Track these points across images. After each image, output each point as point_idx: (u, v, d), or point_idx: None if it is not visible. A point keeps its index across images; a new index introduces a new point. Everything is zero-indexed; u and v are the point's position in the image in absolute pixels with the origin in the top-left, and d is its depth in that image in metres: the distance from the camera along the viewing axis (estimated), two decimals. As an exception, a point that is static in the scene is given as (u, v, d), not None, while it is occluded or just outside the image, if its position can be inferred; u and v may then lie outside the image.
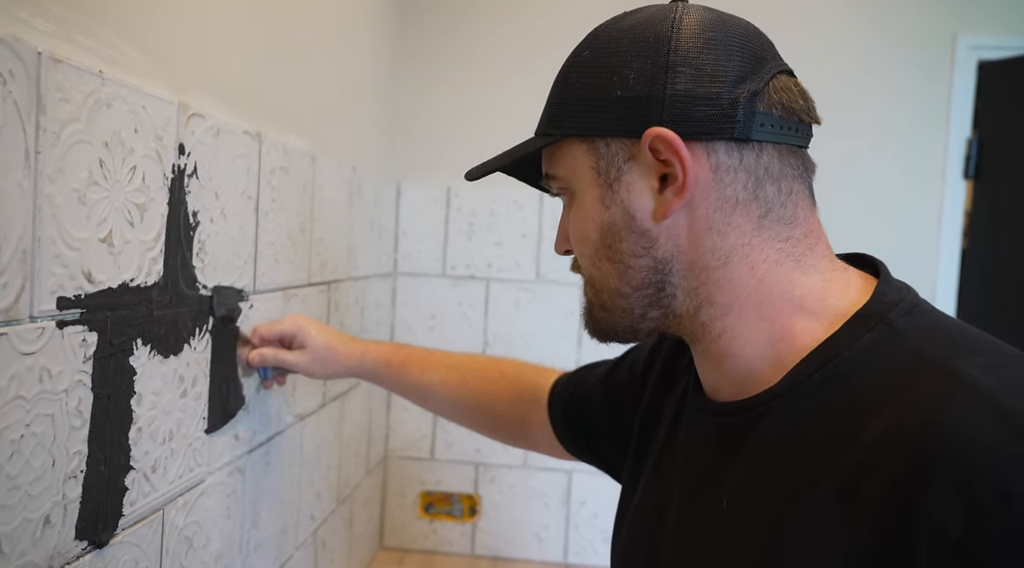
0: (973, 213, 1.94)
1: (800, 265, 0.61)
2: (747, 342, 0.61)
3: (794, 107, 0.60)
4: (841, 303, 0.60)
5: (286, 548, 1.16)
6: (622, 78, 0.60)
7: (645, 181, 0.60)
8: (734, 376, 0.63)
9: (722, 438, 0.63)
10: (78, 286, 0.62)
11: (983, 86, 1.87)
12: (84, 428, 0.64)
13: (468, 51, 1.89)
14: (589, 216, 0.63)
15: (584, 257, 0.66)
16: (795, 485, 0.54)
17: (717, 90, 0.58)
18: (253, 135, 0.95)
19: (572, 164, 0.64)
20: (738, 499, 0.59)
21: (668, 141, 0.58)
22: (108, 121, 0.64)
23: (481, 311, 1.88)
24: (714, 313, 0.61)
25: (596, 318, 0.67)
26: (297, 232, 1.14)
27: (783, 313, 0.60)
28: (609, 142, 0.61)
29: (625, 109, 0.60)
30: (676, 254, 0.61)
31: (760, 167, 0.60)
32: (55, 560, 0.61)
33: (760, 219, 0.60)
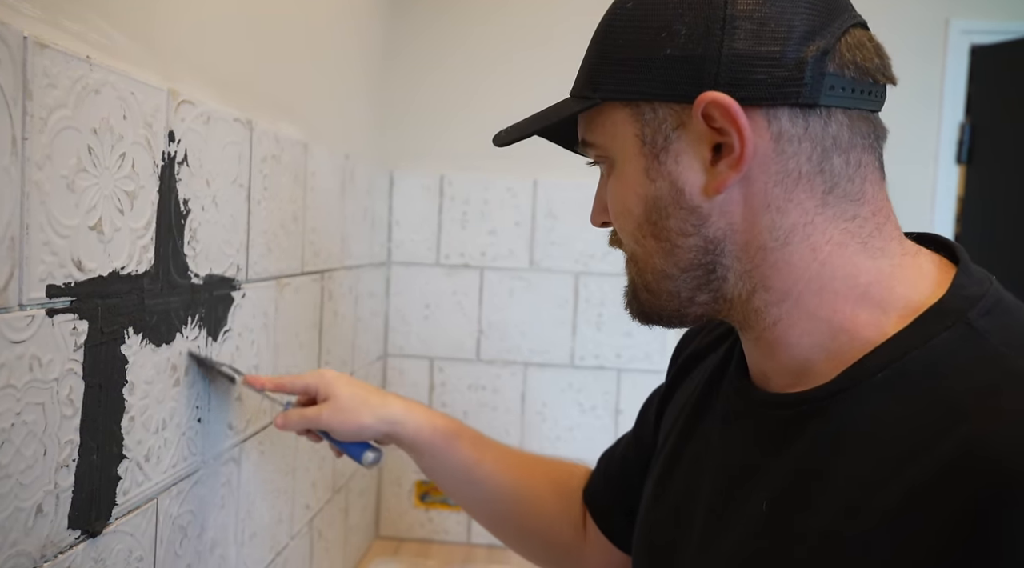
0: (966, 198, 1.94)
1: (867, 248, 0.55)
2: (805, 331, 0.55)
3: (869, 67, 0.54)
4: (913, 294, 0.54)
5: (281, 537, 1.16)
6: (672, 34, 0.53)
7: (696, 151, 0.54)
8: (789, 366, 0.57)
9: (767, 432, 0.57)
10: (68, 274, 0.61)
11: (975, 71, 1.87)
12: (76, 417, 0.63)
13: (461, 38, 1.88)
14: (632, 188, 0.57)
15: (626, 233, 0.59)
16: (850, 497, 0.49)
17: (781, 48, 0.51)
18: (244, 122, 0.95)
19: (613, 131, 0.57)
20: (781, 503, 0.54)
21: (725, 107, 0.51)
22: (96, 107, 0.64)
23: (475, 300, 1.87)
24: (770, 299, 0.56)
25: (640, 300, 0.61)
26: (290, 221, 1.13)
27: (847, 301, 0.54)
28: (656, 107, 0.55)
29: (675, 70, 0.53)
30: (729, 233, 0.55)
31: (828, 136, 0.53)
32: (48, 549, 0.60)
33: (825, 195, 0.54)
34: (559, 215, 1.84)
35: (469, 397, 1.88)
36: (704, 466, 0.63)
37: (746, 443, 0.59)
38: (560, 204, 1.84)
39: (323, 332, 1.33)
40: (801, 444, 0.54)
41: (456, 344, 1.88)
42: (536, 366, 1.87)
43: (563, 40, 0.62)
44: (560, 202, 1.84)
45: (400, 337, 1.88)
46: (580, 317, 1.86)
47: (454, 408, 1.88)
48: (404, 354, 1.88)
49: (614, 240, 0.63)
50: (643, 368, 1.85)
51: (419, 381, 1.88)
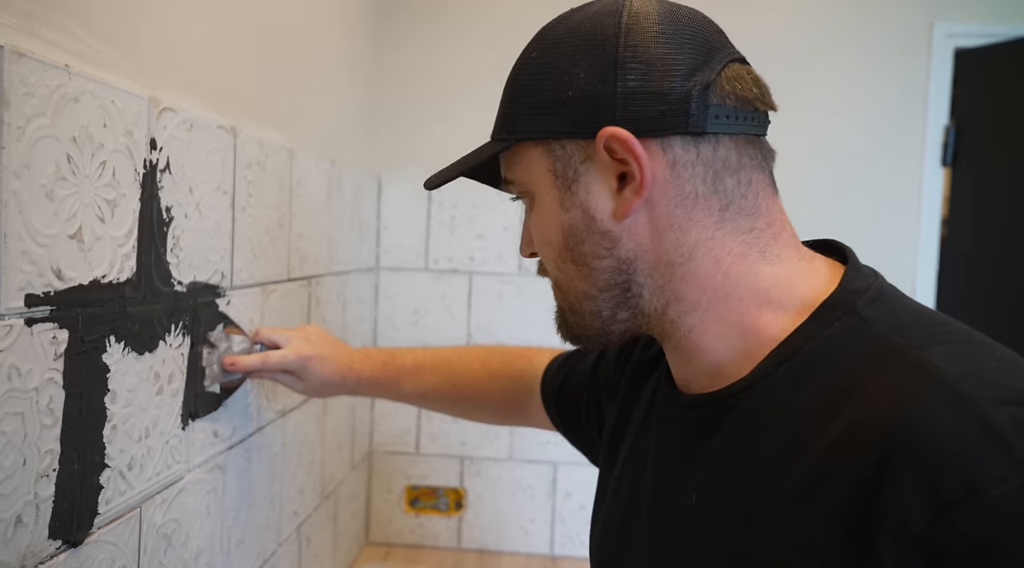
0: (952, 200, 1.95)
1: (765, 256, 0.60)
2: (716, 336, 0.61)
3: (748, 96, 0.59)
4: (808, 293, 0.59)
5: (269, 544, 1.16)
6: (572, 78, 0.59)
7: (603, 181, 0.59)
8: (706, 370, 0.62)
9: (692, 431, 0.62)
10: (47, 283, 0.61)
11: (960, 74, 1.88)
12: (56, 426, 0.63)
13: (447, 44, 1.88)
14: (550, 219, 0.62)
15: (548, 260, 0.65)
16: (761, 479, 0.54)
17: (669, 85, 0.57)
18: (228, 129, 0.95)
19: (529, 168, 0.63)
20: (706, 493, 0.59)
21: (623, 140, 0.57)
22: (75, 116, 0.64)
23: (464, 305, 1.87)
24: (682, 309, 0.61)
25: (568, 322, 0.66)
26: (275, 227, 1.13)
27: (750, 306, 0.59)
28: (564, 144, 0.60)
29: (578, 110, 0.59)
30: (640, 253, 0.60)
31: (718, 160, 0.59)
32: (28, 560, 0.60)
33: (721, 212, 0.59)
34: (547, 219, 1.84)
35: (458, 402, 1.87)
36: (644, 469, 0.69)
37: (674, 443, 0.65)
38: (548, 208, 1.84)
39: (310, 338, 1.32)
40: (718, 437, 0.59)
41: (445, 349, 1.87)
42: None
43: None
44: (548, 206, 1.84)
45: (389, 342, 1.88)
46: (569, 321, 1.86)
47: (444, 413, 1.87)
48: (393, 359, 1.88)
49: (541, 269, 0.68)
50: (632, 371, 1.85)
51: (408, 386, 1.88)
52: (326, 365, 1.02)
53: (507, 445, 1.86)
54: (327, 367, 1.02)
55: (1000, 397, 0.46)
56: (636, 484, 0.69)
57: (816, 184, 1.85)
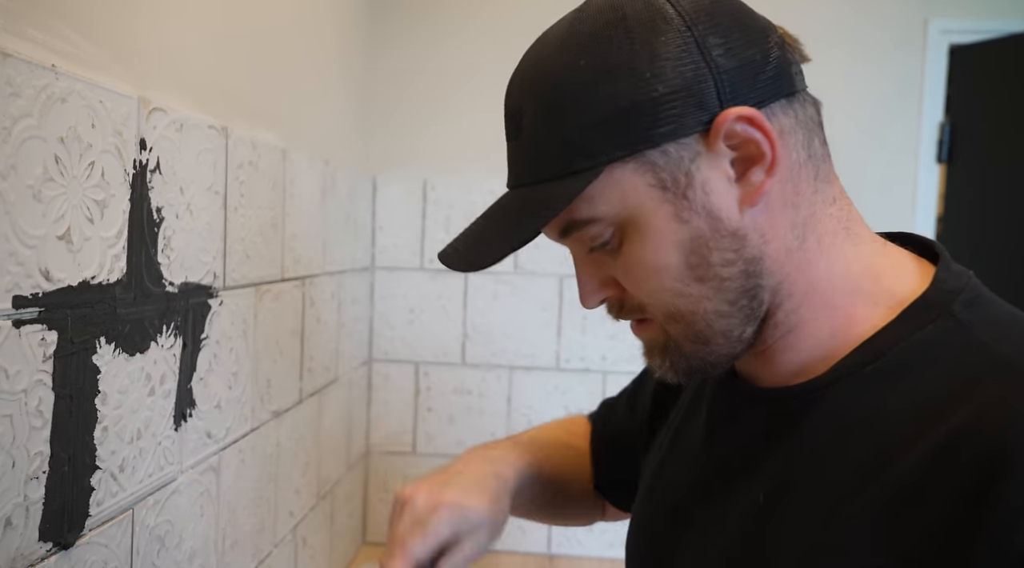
0: (947, 197, 1.95)
1: (849, 234, 0.55)
2: (810, 334, 0.55)
3: (800, 49, 0.55)
4: (896, 286, 0.54)
5: (264, 545, 1.16)
6: (656, 72, 0.50)
7: (720, 174, 0.52)
8: (785, 370, 0.57)
9: (760, 427, 0.57)
10: (35, 284, 0.61)
11: (955, 70, 1.88)
12: (45, 428, 0.63)
13: (442, 43, 1.88)
14: (662, 241, 0.53)
15: (662, 291, 0.55)
16: (845, 485, 0.50)
17: (756, 49, 0.52)
18: (219, 129, 0.94)
19: (620, 193, 0.53)
20: (777, 494, 0.54)
21: (749, 118, 0.50)
22: (63, 116, 0.63)
23: (460, 304, 1.87)
24: (791, 307, 0.55)
25: (687, 355, 0.56)
26: (268, 227, 1.13)
27: (845, 296, 0.54)
28: (665, 148, 0.51)
29: (677, 103, 0.50)
30: (762, 246, 0.53)
31: (808, 119, 0.54)
32: (18, 562, 0.60)
33: (815, 181, 0.54)
34: (543, 218, 1.84)
35: (455, 401, 1.87)
36: (696, 463, 0.63)
37: (739, 438, 0.59)
38: (543, 207, 1.84)
39: (305, 338, 1.32)
40: (796, 437, 0.54)
41: (441, 348, 1.87)
42: (522, 369, 1.86)
43: None
44: (543, 205, 1.84)
45: (385, 342, 1.88)
46: (565, 320, 1.86)
47: (440, 412, 1.87)
48: (389, 359, 1.88)
49: (623, 311, 0.59)
50: (628, 370, 1.85)
51: (404, 386, 1.88)
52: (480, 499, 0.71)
53: (504, 444, 1.86)
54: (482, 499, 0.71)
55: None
56: (682, 479, 0.64)
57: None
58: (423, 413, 1.88)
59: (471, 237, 0.58)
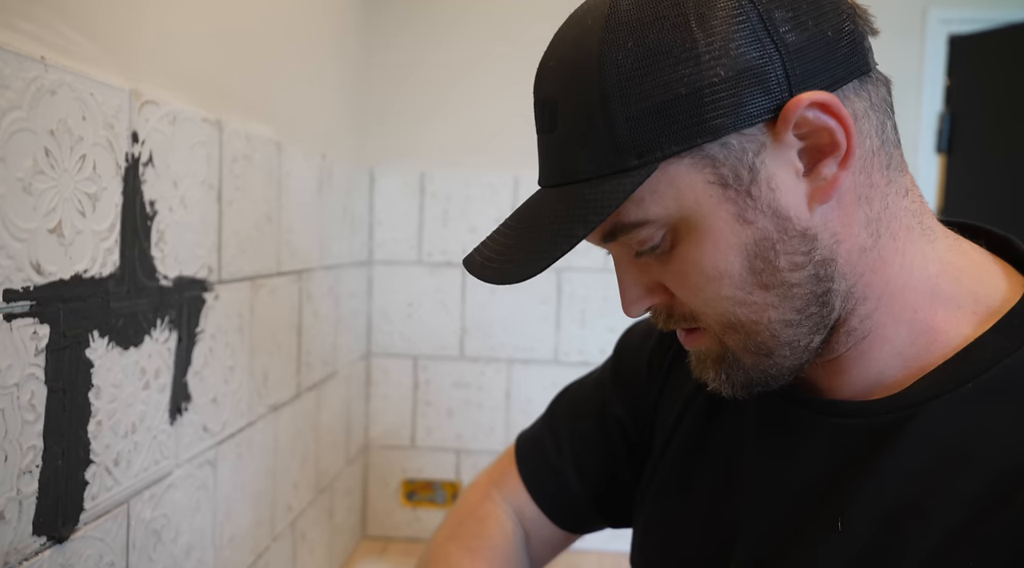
0: (947, 187, 1.95)
1: (923, 229, 0.50)
2: (887, 339, 0.50)
3: (870, 20, 0.50)
4: (980, 288, 0.49)
5: (262, 539, 1.16)
6: (717, 53, 0.44)
7: (788, 168, 0.47)
8: (858, 380, 0.52)
9: (839, 444, 0.51)
10: (26, 278, 0.60)
11: (954, 60, 1.87)
12: (38, 422, 0.62)
13: (439, 35, 1.87)
14: (725, 242, 0.48)
15: (719, 300, 0.49)
16: (953, 520, 0.45)
17: (827, 24, 0.46)
18: (213, 123, 0.94)
19: (674, 192, 0.47)
20: (860, 521, 0.48)
21: (825, 104, 0.45)
22: (53, 109, 0.63)
23: (458, 298, 1.87)
24: (866, 311, 0.50)
25: (746, 368, 0.51)
26: (264, 221, 1.13)
27: (924, 298, 0.49)
28: (726, 141, 0.46)
29: (740, 88, 0.45)
30: (835, 246, 0.48)
31: (880, 101, 0.49)
32: (12, 556, 0.60)
33: (888, 171, 0.49)
34: (541, 211, 1.83)
35: (453, 395, 1.87)
36: (745, 479, 0.56)
37: (810, 456, 0.53)
38: (541, 200, 1.83)
39: (302, 333, 1.32)
40: (882, 460, 0.48)
41: (440, 342, 1.87)
42: (520, 363, 1.86)
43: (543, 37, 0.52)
44: (541, 198, 1.84)
45: (383, 336, 1.88)
46: (563, 313, 1.86)
47: (439, 406, 1.87)
48: (388, 353, 1.88)
49: (674, 319, 0.53)
50: (627, 363, 1.84)
51: (403, 380, 1.88)
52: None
53: (502, 438, 1.85)
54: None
55: None
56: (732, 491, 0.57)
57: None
58: (422, 407, 1.88)
59: (503, 245, 0.51)
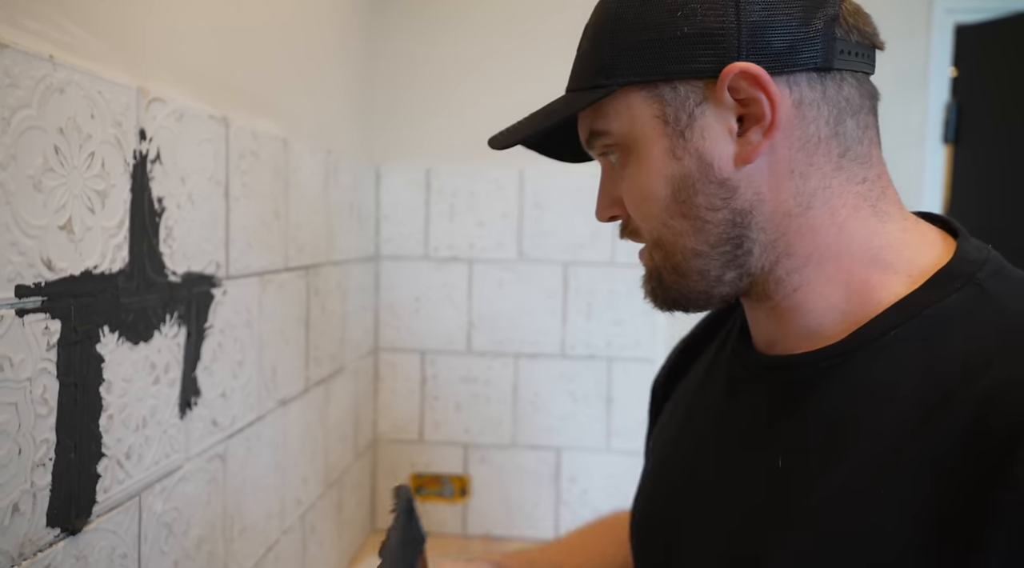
0: (954, 177, 1.94)
1: (876, 211, 0.57)
2: (821, 295, 0.57)
3: (868, 31, 0.56)
4: (920, 258, 0.56)
5: (272, 532, 1.17)
6: (687, 12, 0.54)
7: (722, 124, 0.55)
8: (801, 331, 0.58)
9: (780, 392, 0.58)
10: (37, 273, 0.61)
11: (960, 49, 1.86)
12: (51, 416, 0.63)
13: (445, 31, 1.88)
14: (657, 170, 0.57)
15: (650, 217, 0.59)
16: (868, 449, 0.51)
17: (796, 17, 0.53)
18: (219, 119, 0.95)
19: (629, 115, 0.57)
20: (797, 457, 0.55)
21: (754, 76, 0.53)
22: (62, 107, 0.64)
23: (465, 292, 1.88)
24: (792, 266, 0.57)
25: (666, 284, 0.60)
26: (271, 217, 1.14)
27: (861, 264, 0.56)
28: (676, 85, 0.55)
29: (695, 46, 0.54)
30: (756, 203, 0.56)
31: (842, 99, 0.55)
32: (26, 548, 0.61)
33: (840, 158, 0.56)
34: (546, 205, 1.84)
35: (461, 389, 1.88)
36: (709, 433, 0.65)
37: (756, 405, 0.60)
38: (547, 194, 1.84)
39: (310, 328, 1.33)
40: (816, 401, 0.55)
41: (447, 337, 1.88)
42: (527, 357, 1.87)
43: (549, 33, 0.63)
44: (547, 192, 1.84)
45: (391, 331, 1.89)
46: (570, 307, 1.86)
47: (446, 401, 1.88)
48: (395, 348, 1.89)
49: (627, 231, 0.64)
50: (634, 356, 1.85)
51: (411, 374, 1.89)
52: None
53: (510, 432, 1.86)
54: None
55: None
56: (697, 444, 0.66)
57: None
58: (430, 401, 1.89)
59: (513, 127, 0.64)
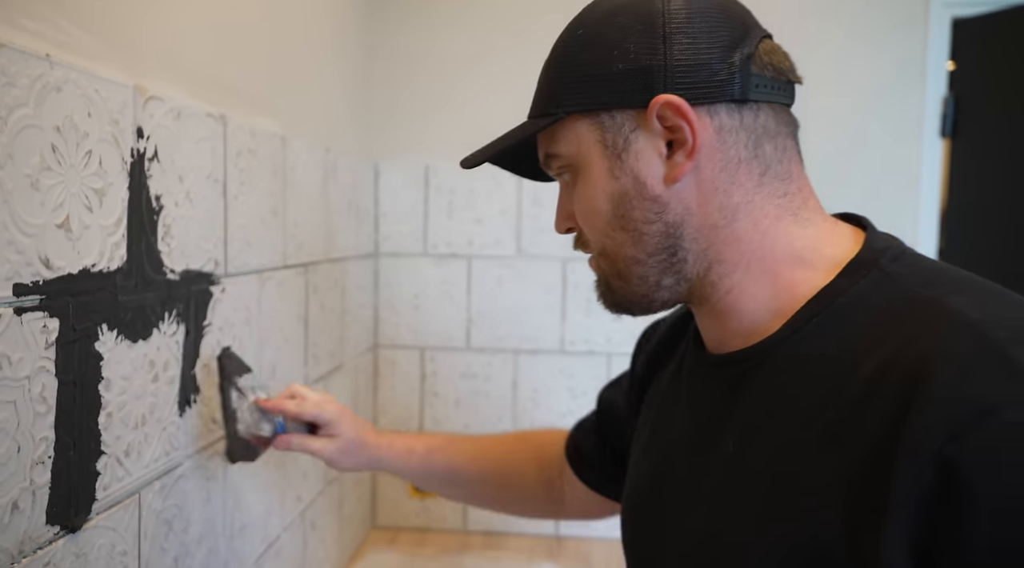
0: (952, 171, 1.94)
1: (797, 219, 0.64)
2: (752, 295, 0.64)
3: (783, 67, 0.64)
4: (836, 252, 0.63)
5: (273, 529, 1.17)
6: (623, 51, 0.62)
7: (653, 148, 0.63)
8: (739, 329, 0.66)
9: (727, 386, 0.66)
10: (35, 272, 0.61)
11: (958, 43, 1.86)
12: (50, 414, 0.64)
13: (444, 29, 1.88)
14: (599, 188, 0.65)
15: (596, 231, 0.67)
16: (797, 424, 0.58)
17: (716, 56, 0.61)
18: (217, 117, 0.95)
19: (576, 140, 0.66)
20: (744, 439, 0.62)
21: (676, 106, 0.60)
22: (59, 105, 0.64)
23: (464, 289, 1.88)
24: (723, 271, 0.64)
25: (613, 289, 0.68)
26: (269, 214, 1.14)
27: (785, 265, 0.63)
28: (614, 114, 0.63)
29: (629, 81, 0.62)
30: (686, 217, 0.64)
31: (759, 126, 0.63)
32: (26, 545, 0.61)
33: (760, 176, 0.64)
34: (545, 202, 1.84)
35: (461, 385, 1.88)
36: (674, 428, 0.73)
37: (707, 400, 0.69)
38: (545, 191, 1.84)
39: (308, 325, 1.33)
40: (753, 389, 0.63)
41: (446, 333, 1.88)
42: (527, 353, 1.87)
43: (547, 30, 0.68)
44: (545, 189, 1.84)
45: (390, 328, 1.89)
46: (569, 303, 1.86)
47: (446, 397, 1.88)
48: (395, 345, 1.89)
49: (579, 243, 0.71)
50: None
51: (410, 371, 1.89)
52: (359, 424, 1.01)
53: (509, 427, 1.86)
54: (361, 426, 1.01)
55: (1015, 337, 0.50)
56: (668, 443, 0.73)
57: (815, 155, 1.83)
58: (429, 398, 1.89)
59: (482, 148, 0.73)
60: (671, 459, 0.72)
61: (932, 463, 0.48)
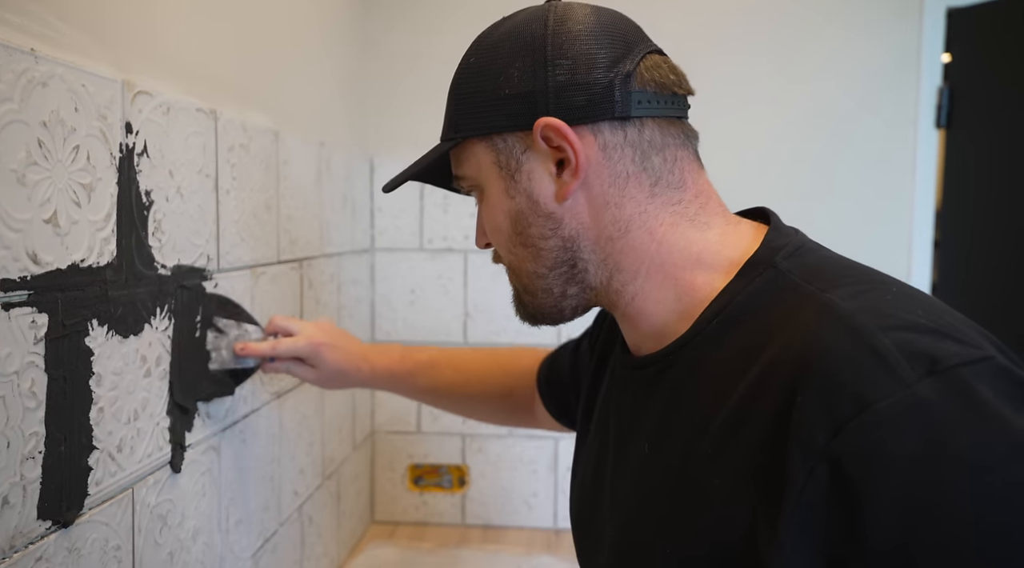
0: (947, 162, 1.94)
1: (695, 224, 0.66)
2: (656, 300, 0.66)
3: (666, 82, 0.65)
4: (736, 253, 0.64)
5: (270, 524, 1.17)
6: (508, 77, 0.65)
7: (543, 168, 0.65)
8: (651, 333, 0.68)
9: (642, 388, 0.69)
10: (23, 268, 0.61)
11: (953, 34, 1.86)
12: (40, 409, 0.64)
13: (438, 23, 1.87)
14: (498, 207, 0.68)
15: (501, 246, 0.71)
16: (699, 422, 0.60)
17: (594, 76, 0.63)
18: (207, 112, 0.95)
19: (476, 162, 0.69)
20: (655, 440, 0.65)
21: (556, 128, 0.63)
22: (44, 100, 0.64)
23: (460, 283, 1.88)
24: (624, 279, 0.67)
25: (524, 302, 0.72)
26: (262, 209, 1.14)
27: (684, 270, 0.65)
28: (505, 137, 0.66)
29: (515, 105, 0.65)
30: (581, 231, 0.66)
31: (644, 141, 0.65)
32: (17, 540, 0.61)
33: (652, 187, 0.65)
34: (540, 195, 1.84)
35: (458, 380, 1.88)
36: (607, 431, 0.75)
37: (628, 402, 0.71)
38: (541, 184, 1.84)
39: (304, 320, 1.33)
40: (662, 391, 0.66)
41: (443, 328, 1.88)
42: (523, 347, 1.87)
43: None
44: (541, 182, 1.84)
45: (387, 323, 1.89)
46: (565, 296, 1.86)
47: (444, 391, 1.88)
48: (391, 340, 1.89)
49: (496, 257, 0.74)
50: (630, 344, 1.85)
51: (408, 366, 1.89)
52: (339, 353, 1.06)
53: (508, 421, 1.87)
54: (340, 355, 1.06)
55: (885, 324, 0.51)
56: (603, 445, 0.76)
57: (810, 148, 1.83)
58: (427, 392, 1.89)
59: (401, 172, 0.76)
60: (603, 459, 0.74)
61: (821, 461, 0.48)
